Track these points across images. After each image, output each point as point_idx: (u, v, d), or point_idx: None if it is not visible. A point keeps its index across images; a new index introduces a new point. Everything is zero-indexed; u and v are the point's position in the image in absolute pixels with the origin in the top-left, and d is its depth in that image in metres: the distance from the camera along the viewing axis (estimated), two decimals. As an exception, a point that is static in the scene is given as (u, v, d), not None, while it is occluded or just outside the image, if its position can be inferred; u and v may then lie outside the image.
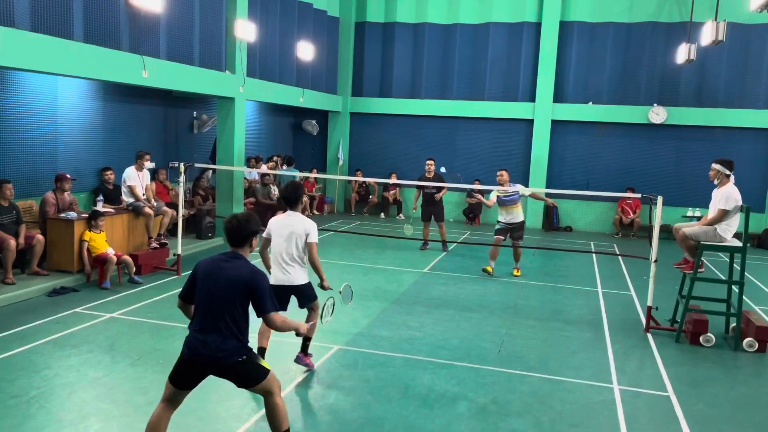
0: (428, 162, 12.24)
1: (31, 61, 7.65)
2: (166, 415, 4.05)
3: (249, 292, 3.96)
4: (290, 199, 5.66)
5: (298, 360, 5.90)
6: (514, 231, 10.41)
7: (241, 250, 4.11)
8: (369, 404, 5.27)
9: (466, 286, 9.67)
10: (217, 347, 3.89)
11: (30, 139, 9.49)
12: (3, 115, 9.04)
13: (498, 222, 10.53)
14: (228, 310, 3.94)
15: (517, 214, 10.30)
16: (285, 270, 5.56)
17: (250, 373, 4.02)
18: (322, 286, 5.76)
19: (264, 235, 5.56)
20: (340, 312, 7.58)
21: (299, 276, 5.62)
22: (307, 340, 5.83)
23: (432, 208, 12.23)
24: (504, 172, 10.41)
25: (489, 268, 10.51)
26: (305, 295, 5.72)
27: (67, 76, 9.01)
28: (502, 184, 10.28)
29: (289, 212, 5.66)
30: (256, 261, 4.84)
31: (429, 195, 12.17)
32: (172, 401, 4.06)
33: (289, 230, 5.55)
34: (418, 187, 11.74)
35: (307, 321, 5.51)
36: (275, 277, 5.55)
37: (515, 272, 10.61)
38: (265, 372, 4.07)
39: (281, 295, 5.41)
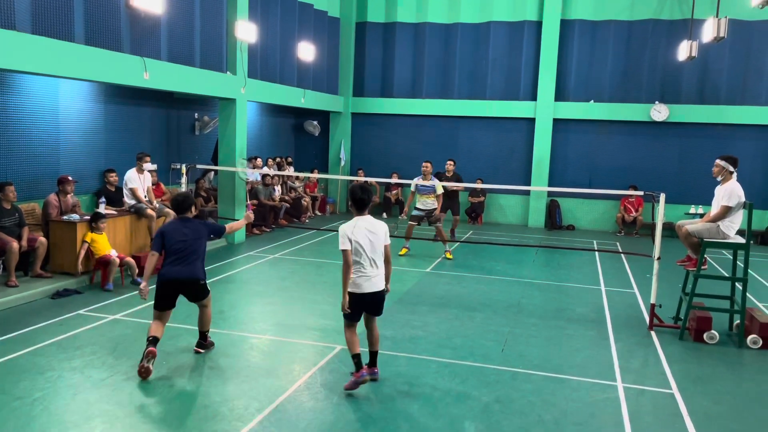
0: (448, 162, 13.20)
1: (33, 63, 7.67)
2: (163, 324, 5.97)
3: (210, 233, 6.25)
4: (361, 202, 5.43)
5: (373, 375, 5.64)
6: (430, 215, 11.61)
7: (188, 215, 6.13)
8: (372, 403, 5.27)
9: (469, 286, 9.66)
10: (193, 271, 6.01)
11: (32, 141, 9.51)
12: (5, 117, 9.06)
13: (415, 209, 11.70)
14: (199, 248, 6.08)
15: (431, 203, 11.58)
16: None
17: (204, 290, 6.19)
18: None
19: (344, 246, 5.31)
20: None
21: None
22: (375, 354, 5.70)
23: (450, 202, 12.81)
24: (429, 164, 11.67)
25: (405, 250, 11.74)
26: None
27: (69, 79, 9.03)
28: (425, 175, 11.55)
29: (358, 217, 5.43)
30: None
31: (451, 191, 12.84)
32: (161, 319, 5.98)
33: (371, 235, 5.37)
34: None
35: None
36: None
37: (447, 255, 11.66)
38: (209, 291, 6.28)
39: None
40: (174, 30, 10.34)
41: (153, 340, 5.75)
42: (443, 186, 11.75)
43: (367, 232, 5.29)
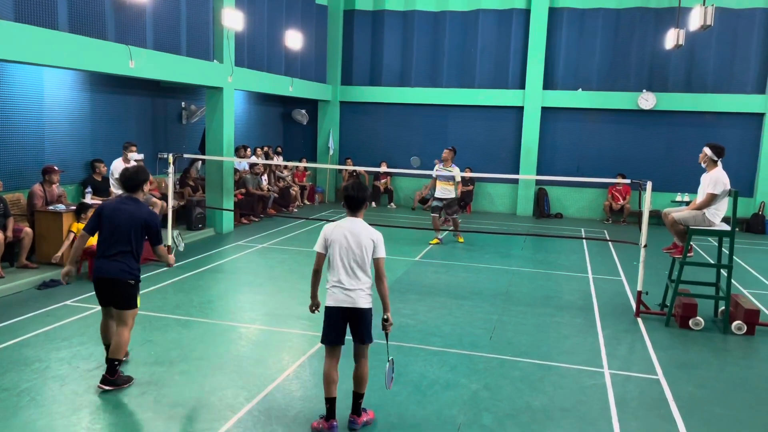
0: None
1: (16, 51, 7.55)
2: (111, 323, 5.32)
3: (144, 228, 5.20)
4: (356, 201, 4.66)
5: (353, 425, 4.69)
6: (448, 206, 11.72)
7: (135, 195, 5.30)
8: (362, 392, 5.28)
9: (457, 274, 9.70)
10: (118, 268, 5.11)
11: (16, 131, 9.39)
12: (-12, 107, 8.95)
13: (434, 199, 11.80)
14: (127, 240, 5.14)
15: (450, 191, 11.66)
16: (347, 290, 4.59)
17: (131, 298, 5.19)
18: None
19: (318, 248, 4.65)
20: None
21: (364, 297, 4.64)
22: (358, 397, 4.74)
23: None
24: (448, 151, 11.68)
25: (436, 240, 11.87)
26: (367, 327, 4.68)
27: (53, 67, 8.92)
28: (445, 162, 11.60)
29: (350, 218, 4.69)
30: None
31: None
32: (108, 315, 5.34)
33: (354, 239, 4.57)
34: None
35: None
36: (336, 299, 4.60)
37: (459, 239, 12.19)
38: (136, 305, 5.26)
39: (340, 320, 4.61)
40: (160, 18, 10.22)
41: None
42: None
43: (347, 235, 4.53)
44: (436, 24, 17.07)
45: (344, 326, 4.65)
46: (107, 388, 5.06)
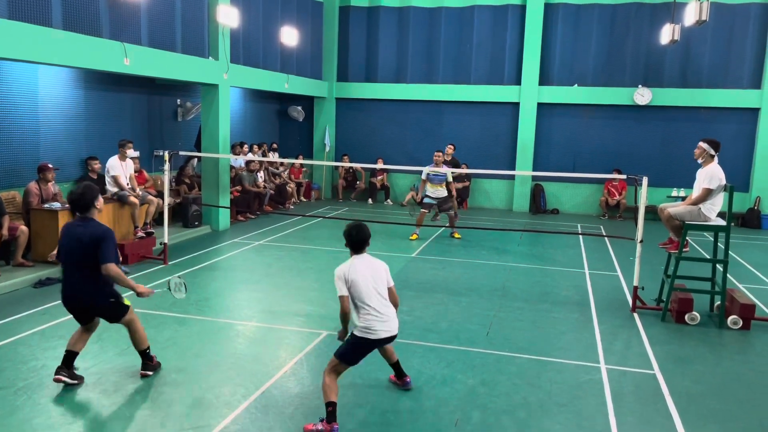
0: (449, 146, 13.82)
1: (10, 49, 7.51)
2: (85, 335, 5.29)
3: (99, 243, 4.84)
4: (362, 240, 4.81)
5: (407, 385, 5.30)
6: (442, 204, 11.98)
7: (87, 214, 4.99)
8: (359, 388, 5.29)
9: (454, 270, 9.71)
10: (88, 295, 5.02)
11: (11, 129, 9.35)
12: (-18, 105, 8.91)
13: (426, 196, 12.01)
14: (89, 262, 4.88)
15: (442, 191, 11.92)
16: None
17: (116, 312, 5.17)
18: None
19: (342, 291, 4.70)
20: (329, 299, 7.59)
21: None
22: (398, 363, 5.27)
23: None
24: (441, 154, 11.89)
25: (415, 236, 11.96)
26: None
27: (47, 65, 8.88)
28: (437, 164, 11.73)
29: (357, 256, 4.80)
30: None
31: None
32: (85, 329, 5.28)
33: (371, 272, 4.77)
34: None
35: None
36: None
37: (456, 235, 12.26)
38: (127, 308, 5.22)
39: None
40: (154, 15, 10.17)
41: (69, 356, 5.18)
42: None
43: (367, 269, 4.72)
44: (432, 20, 17.04)
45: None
46: (150, 373, 5.39)
